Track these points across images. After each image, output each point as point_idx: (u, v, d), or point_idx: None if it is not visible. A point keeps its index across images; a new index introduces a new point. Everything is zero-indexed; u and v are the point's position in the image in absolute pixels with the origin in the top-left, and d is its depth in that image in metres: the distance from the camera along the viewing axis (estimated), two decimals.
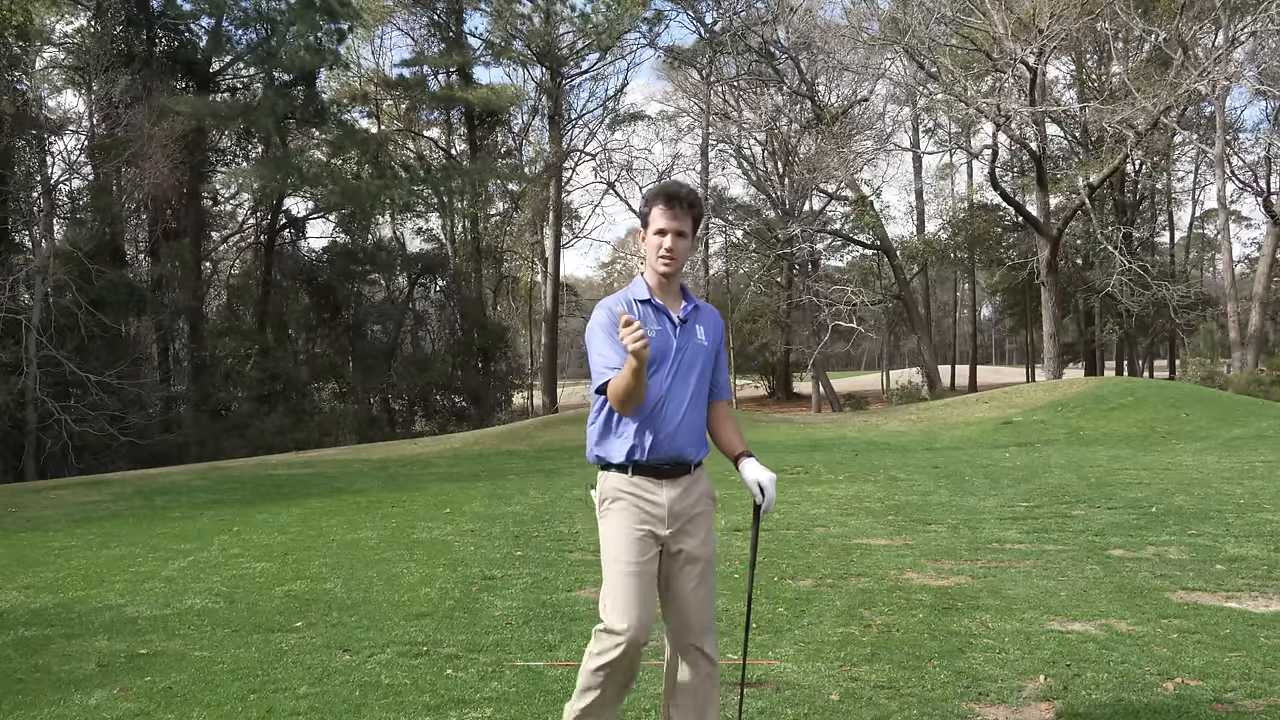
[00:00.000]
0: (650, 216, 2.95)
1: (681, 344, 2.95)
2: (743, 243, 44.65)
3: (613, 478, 2.93)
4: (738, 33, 35.50)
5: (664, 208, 2.93)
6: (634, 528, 2.87)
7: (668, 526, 2.90)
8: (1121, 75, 29.19)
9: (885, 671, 4.13)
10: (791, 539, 7.30)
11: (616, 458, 2.91)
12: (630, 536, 2.86)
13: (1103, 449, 13.99)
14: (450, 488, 11.74)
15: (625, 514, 2.89)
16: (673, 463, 2.92)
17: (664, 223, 2.92)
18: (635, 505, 2.89)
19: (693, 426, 2.95)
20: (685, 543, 2.93)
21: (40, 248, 22.48)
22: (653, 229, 2.95)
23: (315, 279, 32.69)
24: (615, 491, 2.92)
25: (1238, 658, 4.16)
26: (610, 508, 2.93)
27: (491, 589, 5.92)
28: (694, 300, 3.05)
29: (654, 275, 2.99)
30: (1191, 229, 50.14)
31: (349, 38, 32.55)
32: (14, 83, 22.70)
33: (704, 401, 3.01)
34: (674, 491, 2.92)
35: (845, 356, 48.10)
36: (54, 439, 21.38)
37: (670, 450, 2.91)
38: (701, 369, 2.98)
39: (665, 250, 2.93)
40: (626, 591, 2.81)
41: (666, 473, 2.92)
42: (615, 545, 2.87)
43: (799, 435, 18.59)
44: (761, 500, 2.93)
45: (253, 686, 4.17)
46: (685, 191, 2.97)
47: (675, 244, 2.93)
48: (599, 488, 2.98)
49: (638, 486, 2.90)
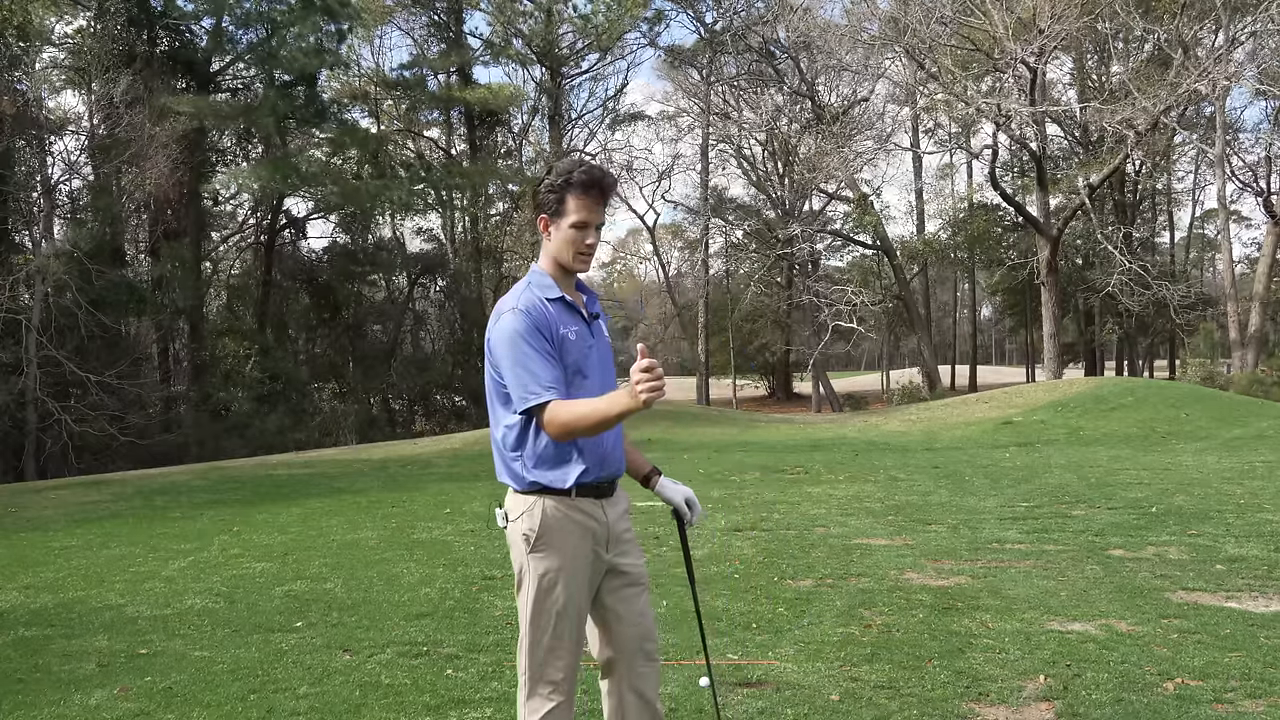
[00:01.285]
0: (567, 205, 2.52)
1: (598, 343, 2.64)
2: (743, 243, 44.65)
3: (547, 507, 2.52)
4: (738, 33, 35.53)
5: (589, 200, 2.52)
6: (574, 564, 2.52)
7: (609, 549, 2.60)
8: (1121, 75, 29.23)
9: (885, 671, 4.12)
10: (791, 539, 7.30)
11: (561, 482, 2.51)
12: (569, 576, 2.52)
13: (1103, 449, 13.99)
14: (450, 488, 11.75)
15: (562, 550, 2.51)
16: (613, 479, 2.63)
17: (586, 215, 2.52)
18: (575, 535, 2.53)
19: (620, 434, 2.67)
20: (626, 561, 2.64)
21: (40, 248, 22.47)
22: (570, 220, 2.52)
23: (315, 279, 32.70)
24: (548, 526, 2.51)
25: (1238, 658, 4.16)
26: (541, 546, 2.52)
27: (491, 589, 5.92)
28: (588, 290, 2.71)
29: (555, 267, 2.58)
30: (1191, 229, 50.17)
31: (349, 38, 32.55)
32: (14, 83, 22.69)
33: None
34: (614, 509, 2.62)
35: (845, 356, 48.10)
36: (54, 439, 21.38)
37: (615, 465, 2.63)
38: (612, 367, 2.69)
39: (587, 246, 2.55)
40: (573, 644, 2.54)
41: (605, 490, 2.61)
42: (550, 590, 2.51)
43: (799, 435, 18.59)
44: (690, 516, 2.74)
45: (253, 686, 4.18)
46: (610, 181, 2.58)
47: (596, 239, 2.56)
48: (526, 518, 2.54)
49: (580, 510, 2.54)
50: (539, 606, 2.52)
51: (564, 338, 2.52)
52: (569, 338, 2.53)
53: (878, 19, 30.98)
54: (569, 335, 2.53)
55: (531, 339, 2.45)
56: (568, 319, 2.55)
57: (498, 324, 2.52)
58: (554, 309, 2.53)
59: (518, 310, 2.49)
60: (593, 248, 2.57)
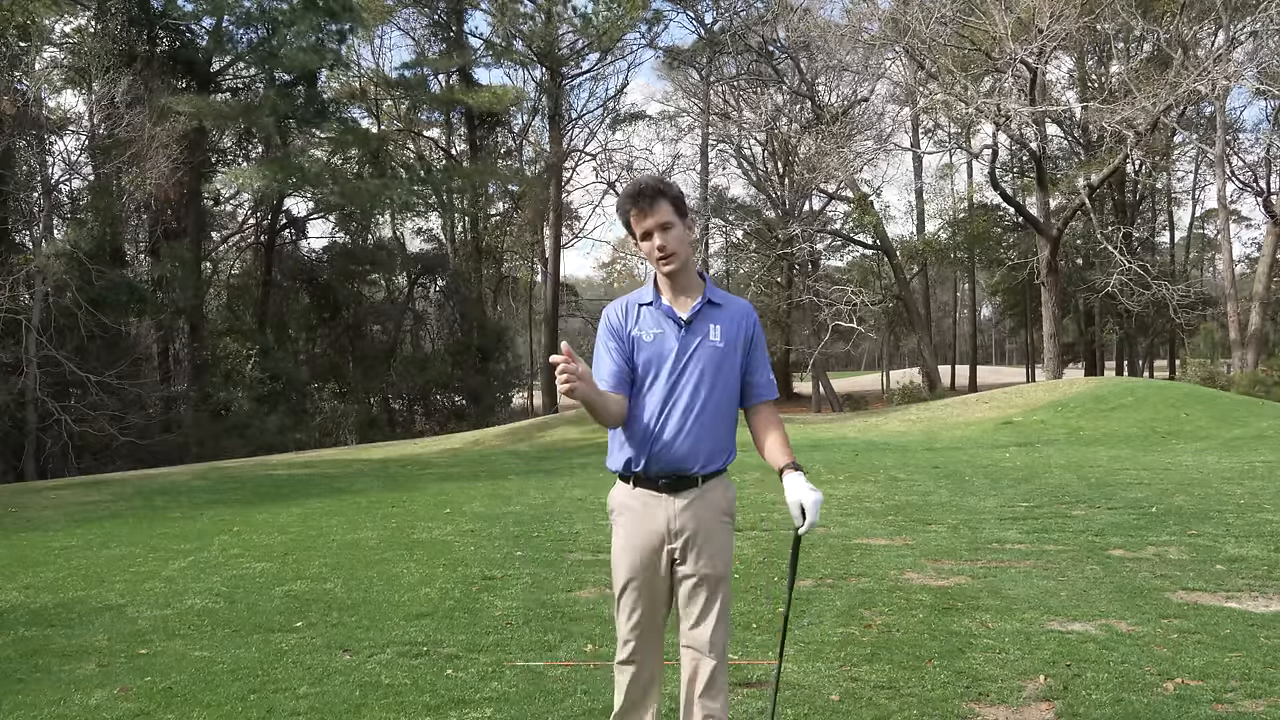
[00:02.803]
0: (631, 225, 2.81)
1: (685, 345, 2.77)
2: (743, 243, 44.66)
3: (619, 488, 2.87)
4: (737, 33, 35.51)
5: (637, 210, 2.77)
6: (635, 544, 2.79)
7: (672, 542, 2.76)
8: (1121, 75, 29.18)
9: (885, 671, 4.13)
10: (791, 539, 7.29)
11: (618, 468, 2.83)
12: (631, 554, 2.79)
13: (1103, 449, 13.99)
14: (450, 488, 11.75)
15: (626, 529, 2.82)
16: (672, 476, 2.76)
17: (646, 224, 2.77)
18: (637, 518, 2.79)
19: (699, 436, 2.75)
20: (691, 561, 2.76)
21: (40, 248, 22.47)
22: (639, 234, 2.80)
23: (315, 279, 32.72)
24: (619, 504, 2.86)
25: (1238, 658, 4.16)
26: (615, 520, 2.87)
27: (491, 589, 5.92)
28: (714, 295, 2.86)
29: (660, 275, 2.85)
30: (1191, 229, 50.13)
31: (349, 38, 32.56)
32: (14, 82, 22.69)
33: (725, 407, 2.81)
34: (677, 505, 2.76)
35: (845, 356, 48.09)
36: (54, 439, 21.40)
37: (668, 462, 2.75)
38: (717, 370, 2.78)
39: (658, 249, 2.77)
40: (626, 610, 2.81)
41: (666, 486, 2.76)
42: (617, 560, 2.84)
43: (799, 435, 18.59)
44: (801, 524, 2.72)
45: (253, 686, 4.17)
46: (649, 184, 2.81)
47: (666, 239, 2.76)
48: (609, 496, 2.92)
49: (638, 499, 2.80)
50: (613, 573, 2.86)
51: (635, 338, 2.81)
52: (642, 338, 2.80)
53: (878, 19, 30.98)
54: (643, 335, 2.81)
55: (604, 336, 2.83)
56: (650, 322, 2.83)
57: None
58: (641, 311, 2.84)
59: (608, 309, 2.90)
60: (666, 248, 2.78)
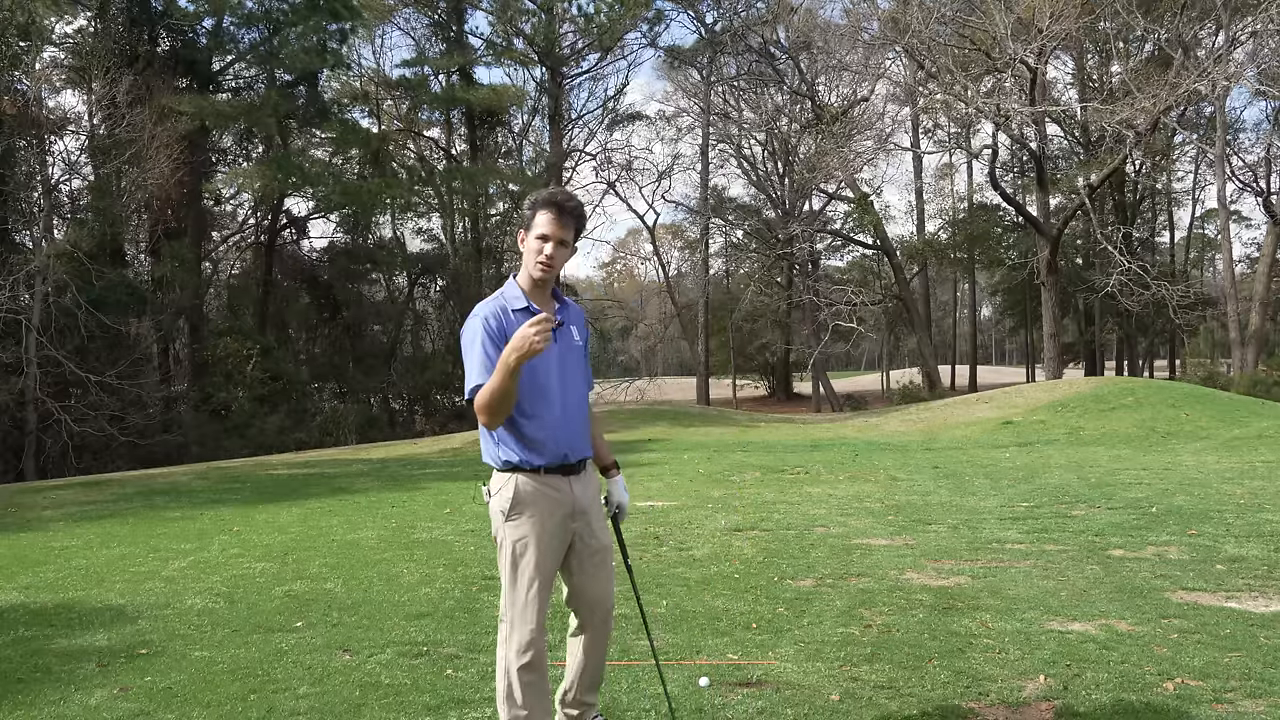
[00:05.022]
0: (535, 221, 2.99)
1: (563, 346, 3.06)
2: (743, 243, 44.67)
3: (522, 481, 3.01)
4: (738, 33, 35.54)
5: (552, 215, 2.97)
6: (550, 530, 3.01)
7: (574, 521, 3.07)
8: (1121, 75, 29.19)
9: (885, 671, 4.13)
10: (791, 539, 7.30)
11: (526, 459, 3.00)
12: (547, 541, 3.01)
13: (1103, 449, 13.99)
14: (450, 488, 11.75)
15: (538, 518, 3.00)
16: (573, 461, 3.07)
17: (549, 230, 2.97)
18: (551, 505, 3.02)
19: (583, 422, 3.13)
20: (591, 534, 3.12)
21: (40, 248, 22.47)
22: (535, 233, 2.98)
23: (315, 279, 32.71)
24: (524, 497, 3.01)
25: (1238, 658, 4.16)
26: (519, 515, 3.01)
27: (492, 589, 5.91)
28: (563, 300, 3.16)
29: (528, 279, 3.04)
30: (1191, 229, 50.11)
31: (350, 38, 32.55)
32: (14, 82, 22.69)
33: (587, 399, 3.18)
34: (579, 486, 3.10)
35: (845, 356, 48.13)
36: (54, 439, 21.39)
37: (571, 448, 3.06)
38: (579, 366, 3.15)
39: (546, 257, 2.98)
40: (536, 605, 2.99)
41: (571, 469, 3.07)
42: (527, 555, 2.99)
43: (799, 435, 18.59)
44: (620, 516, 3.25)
45: (253, 686, 4.18)
46: (574, 204, 3.03)
47: (556, 252, 2.99)
48: (503, 491, 3.04)
49: (549, 486, 3.03)
50: (518, 570, 3.01)
51: None
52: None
53: (878, 19, 30.99)
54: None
55: (483, 341, 2.91)
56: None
57: (465, 326, 3.02)
58: (516, 317, 2.95)
59: (479, 316, 2.98)
60: (552, 259, 2.99)
